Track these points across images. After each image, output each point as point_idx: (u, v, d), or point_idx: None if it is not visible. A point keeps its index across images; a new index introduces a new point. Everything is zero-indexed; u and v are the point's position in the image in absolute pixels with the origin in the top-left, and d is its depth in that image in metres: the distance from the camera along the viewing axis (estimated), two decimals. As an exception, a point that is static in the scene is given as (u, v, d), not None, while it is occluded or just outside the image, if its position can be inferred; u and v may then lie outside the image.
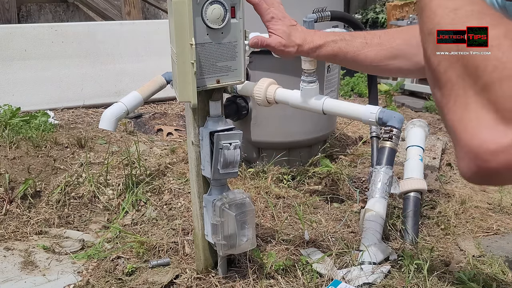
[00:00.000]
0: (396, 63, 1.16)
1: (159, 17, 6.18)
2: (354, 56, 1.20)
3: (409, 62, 1.15)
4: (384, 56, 1.17)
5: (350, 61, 1.22)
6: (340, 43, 1.21)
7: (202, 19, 1.28)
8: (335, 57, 1.23)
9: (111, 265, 1.66)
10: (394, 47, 1.16)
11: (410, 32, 1.17)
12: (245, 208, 1.44)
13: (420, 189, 2.01)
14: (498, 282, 1.58)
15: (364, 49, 1.19)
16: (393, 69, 1.19)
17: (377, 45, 1.18)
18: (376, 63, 1.18)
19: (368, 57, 1.18)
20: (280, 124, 2.41)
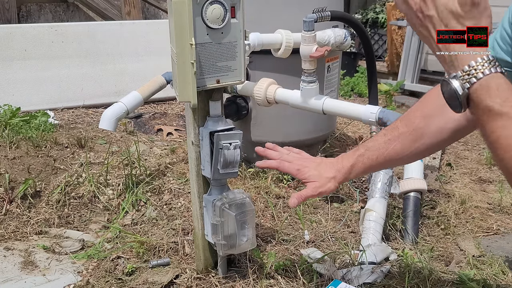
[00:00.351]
0: (425, 142, 1.13)
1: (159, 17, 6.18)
2: (385, 157, 1.17)
3: (433, 134, 1.12)
4: (410, 141, 1.14)
5: (384, 164, 1.20)
6: (367, 154, 1.19)
7: (202, 19, 1.28)
8: (369, 169, 1.21)
9: (111, 265, 1.66)
10: (415, 129, 1.13)
11: (424, 105, 1.15)
12: (245, 208, 1.44)
13: (420, 189, 2.01)
14: (498, 282, 1.58)
15: (390, 145, 1.16)
16: (425, 149, 1.15)
17: (399, 136, 1.15)
18: (406, 152, 1.15)
19: (397, 151, 1.15)
20: (280, 124, 2.41)
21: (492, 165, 2.73)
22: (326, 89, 2.40)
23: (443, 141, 1.14)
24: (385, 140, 1.17)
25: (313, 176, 1.23)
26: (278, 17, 2.24)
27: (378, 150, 1.17)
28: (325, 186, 1.21)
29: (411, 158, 1.18)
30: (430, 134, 1.11)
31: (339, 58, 2.51)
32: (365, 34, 2.31)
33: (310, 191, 1.22)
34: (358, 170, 1.21)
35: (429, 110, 1.13)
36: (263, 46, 1.98)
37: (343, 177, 1.22)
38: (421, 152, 1.15)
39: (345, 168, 1.21)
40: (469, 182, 2.48)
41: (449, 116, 1.08)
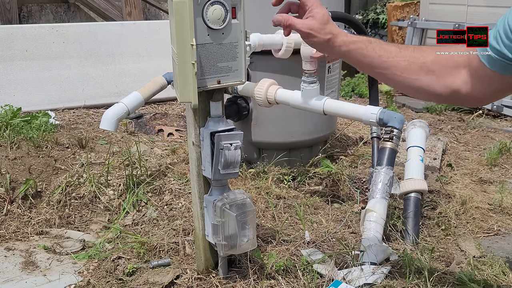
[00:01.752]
0: (426, 79, 1.13)
1: (160, 17, 6.18)
2: (386, 61, 1.15)
3: (439, 82, 1.13)
4: (415, 68, 1.13)
5: (381, 66, 1.16)
6: (374, 44, 1.16)
7: (203, 19, 1.29)
8: (365, 57, 1.16)
9: (111, 266, 1.67)
10: (426, 62, 1.13)
11: (440, 54, 1.15)
12: (245, 209, 1.44)
13: (421, 189, 2.01)
14: (499, 283, 1.58)
15: (398, 56, 1.14)
16: (423, 86, 1.14)
17: (410, 56, 1.14)
18: (405, 74, 1.14)
19: (400, 66, 1.14)
20: (281, 125, 2.42)
21: (493, 165, 2.73)
22: (327, 89, 2.40)
23: (438, 95, 1.15)
24: (396, 49, 1.16)
25: (321, 15, 1.19)
26: (278, 18, 2.24)
27: (385, 51, 1.15)
28: (319, 32, 1.17)
29: (403, 84, 1.16)
30: (433, 77, 1.12)
31: (339, 59, 2.51)
32: (365, 35, 2.31)
33: (300, 24, 1.19)
34: (356, 48, 1.17)
35: (442, 59, 1.13)
36: (263, 47, 1.98)
37: (339, 44, 1.17)
38: (419, 86, 1.14)
39: (348, 38, 1.18)
40: (469, 183, 2.48)
41: (454, 78, 1.11)
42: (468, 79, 1.09)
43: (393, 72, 1.15)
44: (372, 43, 1.17)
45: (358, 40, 1.18)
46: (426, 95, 1.17)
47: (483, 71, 1.04)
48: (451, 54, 1.14)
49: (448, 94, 1.13)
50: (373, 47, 1.16)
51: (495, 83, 1.05)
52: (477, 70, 1.06)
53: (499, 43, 0.98)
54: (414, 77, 1.14)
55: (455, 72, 1.11)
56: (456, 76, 1.11)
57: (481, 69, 1.05)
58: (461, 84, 1.10)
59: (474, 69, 1.07)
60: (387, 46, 1.17)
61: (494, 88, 1.07)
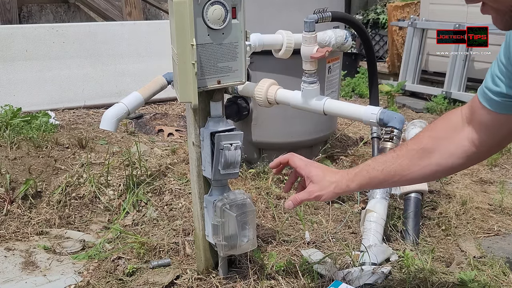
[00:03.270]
0: (432, 161, 1.11)
1: (160, 17, 6.18)
2: (390, 170, 1.15)
3: (442, 155, 1.11)
4: (417, 158, 1.13)
5: (389, 177, 1.16)
6: (373, 164, 1.18)
7: (203, 19, 1.28)
8: (373, 179, 1.17)
9: (111, 266, 1.66)
10: (423, 148, 1.12)
11: (434, 128, 1.15)
12: (246, 209, 1.44)
13: (421, 190, 2.01)
14: (499, 284, 1.58)
15: (397, 160, 1.15)
16: (432, 170, 1.12)
17: (408, 152, 1.14)
18: (412, 168, 1.13)
19: (404, 166, 1.14)
20: (281, 125, 2.41)
21: (493, 166, 2.73)
22: (327, 89, 2.40)
23: (450, 167, 1.12)
24: (393, 155, 1.17)
25: (317, 176, 1.21)
26: (279, 18, 2.24)
27: (385, 163, 1.16)
28: (323, 190, 1.20)
29: (417, 177, 1.15)
30: (438, 155, 1.11)
31: (340, 59, 2.51)
32: (366, 35, 2.31)
33: (306, 195, 1.22)
34: (362, 179, 1.18)
35: (438, 132, 1.12)
36: (264, 47, 1.98)
37: (346, 185, 1.19)
38: (428, 172, 1.13)
39: (349, 175, 1.20)
40: (470, 183, 2.48)
41: (457, 142, 1.09)
42: (473, 135, 1.07)
43: (402, 175, 1.15)
44: (371, 164, 1.19)
45: (358, 172, 1.19)
46: (444, 174, 1.17)
47: (490, 117, 1.02)
48: (445, 122, 1.13)
49: (461, 161, 1.10)
50: (373, 167, 1.17)
51: (505, 126, 1.02)
52: (482, 121, 1.04)
53: (499, 85, 0.97)
54: (422, 166, 1.13)
55: (456, 137, 1.09)
56: (459, 139, 1.09)
57: (486, 116, 1.02)
58: (469, 144, 1.07)
59: (479, 122, 1.05)
60: (384, 158, 1.19)
61: (505, 132, 1.04)
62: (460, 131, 1.09)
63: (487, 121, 1.03)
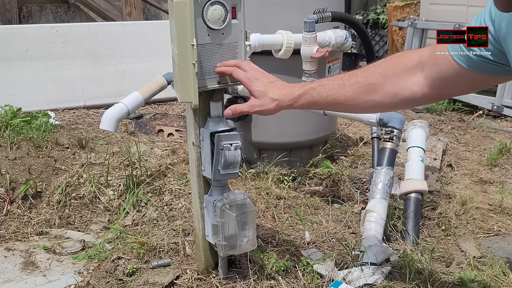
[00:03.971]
0: (375, 98, 1.14)
1: (160, 17, 6.18)
2: (334, 98, 1.18)
3: (386, 95, 1.13)
4: (362, 93, 1.15)
5: (332, 104, 1.21)
6: (318, 89, 1.20)
7: (203, 19, 1.28)
8: (315, 104, 1.22)
9: (111, 266, 1.66)
10: (370, 83, 1.14)
11: (387, 65, 1.16)
12: (245, 209, 1.44)
13: (421, 190, 2.01)
14: (499, 284, 1.57)
15: (342, 90, 1.17)
16: (374, 105, 1.16)
17: (354, 84, 1.16)
18: (355, 101, 1.16)
19: (348, 97, 1.17)
20: (281, 125, 2.41)
21: (493, 166, 2.73)
22: (327, 90, 2.39)
23: (393, 105, 1.17)
24: (340, 83, 1.18)
25: (258, 91, 1.25)
26: (279, 18, 2.24)
27: (330, 90, 1.18)
28: (264, 106, 1.24)
29: (359, 109, 1.20)
30: (383, 93, 1.13)
31: (340, 59, 2.51)
32: (366, 35, 2.31)
33: (246, 107, 1.27)
34: (305, 101, 1.21)
35: (389, 71, 1.14)
36: (264, 47, 1.98)
37: (288, 104, 1.23)
38: (369, 106, 1.17)
39: (293, 95, 1.23)
40: (470, 183, 2.48)
41: (405, 85, 1.11)
42: (425, 82, 1.08)
43: (344, 105, 1.18)
44: (317, 88, 1.21)
45: (303, 93, 1.22)
46: (382, 110, 1.21)
47: (454, 70, 1.02)
48: (399, 60, 1.14)
49: (401, 103, 1.13)
50: (319, 92, 1.20)
51: (466, 81, 1.03)
52: (443, 70, 1.04)
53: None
54: (364, 101, 1.15)
55: (406, 79, 1.10)
56: (409, 83, 1.10)
57: (452, 69, 1.02)
58: (417, 90, 1.09)
59: (439, 72, 1.05)
60: (331, 85, 1.20)
61: (461, 86, 1.06)
62: (413, 74, 1.10)
63: (450, 74, 1.03)
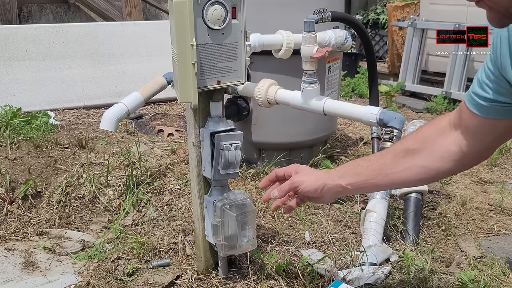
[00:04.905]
0: (419, 161, 1.09)
1: (160, 17, 6.18)
2: (376, 167, 1.14)
3: (426, 157, 1.08)
4: (402, 156, 1.11)
5: (376, 174, 1.14)
6: (360, 161, 1.18)
7: (203, 19, 1.28)
8: (361, 175, 1.16)
9: (111, 266, 1.66)
10: (408, 145, 1.11)
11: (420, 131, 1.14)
12: (245, 209, 1.44)
13: (421, 190, 2.00)
14: (499, 284, 1.57)
15: (383, 156, 1.15)
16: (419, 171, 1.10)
17: (391, 151, 1.14)
18: (397, 167, 1.11)
19: (387, 163, 1.12)
20: (281, 125, 2.41)
21: (493, 166, 2.73)
22: (327, 90, 2.40)
23: (440, 170, 1.10)
24: (379, 153, 1.18)
25: (305, 168, 1.23)
26: (279, 18, 2.24)
27: (369, 160, 1.17)
28: (308, 181, 1.18)
29: (401, 178, 1.13)
30: (424, 156, 1.09)
31: (340, 59, 2.51)
32: (366, 35, 2.31)
33: (288, 182, 1.21)
34: (347, 174, 1.16)
35: (423, 134, 1.12)
36: (264, 47, 1.98)
37: (331, 179, 1.17)
38: (413, 174, 1.11)
39: (336, 170, 1.20)
40: (470, 183, 2.48)
41: (444, 145, 1.08)
42: (460, 140, 1.06)
43: (385, 173, 1.13)
44: (356, 162, 1.19)
45: (344, 166, 1.20)
46: (429, 178, 1.13)
47: (476, 121, 1.01)
48: (432, 126, 1.12)
49: (449, 165, 1.08)
50: (359, 163, 1.18)
51: (493, 130, 1.01)
52: (468, 126, 1.03)
53: (486, 91, 0.97)
54: (405, 167, 1.10)
55: (443, 141, 1.08)
56: (446, 143, 1.07)
57: (473, 120, 1.01)
58: (456, 149, 1.06)
59: (465, 127, 1.04)
60: (370, 156, 1.20)
61: (491, 137, 1.03)
62: (447, 135, 1.08)
63: (474, 126, 1.02)
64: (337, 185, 1.16)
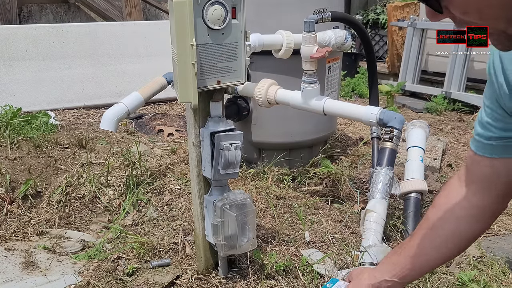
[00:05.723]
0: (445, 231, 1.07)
1: (160, 17, 6.18)
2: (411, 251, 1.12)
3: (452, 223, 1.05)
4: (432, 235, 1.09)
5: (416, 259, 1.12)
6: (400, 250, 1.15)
7: (203, 19, 1.29)
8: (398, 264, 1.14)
9: (111, 266, 1.67)
10: (432, 222, 1.09)
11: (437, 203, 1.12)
12: (245, 209, 1.44)
13: (421, 190, 2.00)
14: (499, 283, 1.58)
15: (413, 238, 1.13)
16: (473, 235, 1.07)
17: (420, 230, 1.12)
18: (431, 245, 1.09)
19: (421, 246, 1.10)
20: (281, 125, 2.41)
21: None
22: (327, 90, 2.40)
23: (463, 232, 1.06)
24: (409, 239, 1.14)
25: (356, 271, 1.27)
26: (279, 18, 2.24)
27: (401, 246, 1.15)
28: (354, 284, 1.21)
29: (438, 257, 1.11)
30: (447, 224, 1.07)
31: (339, 59, 2.51)
32: (365, 35, 2.31)
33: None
34: (385, 267, 1.15)
35: (440, 204, 1.10)
36: (263, 47, 1.98)
37: (373, 275, 1.16)
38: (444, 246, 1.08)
39: (381, 263, 1.19)
40: (469, 183, 2.48)
41: (459, 204, 1.05)
42: (470, 193, 1.02)
43: (423, 258, 1.10)
44: (392, 257, 1.17)
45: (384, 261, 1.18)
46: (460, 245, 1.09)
47: (486, 166, 0.98)
48: (445, 191, 1.09)
49: (469, 225, 1.05)
50: (395, 251, 1.17)
51: (504, 171, 0.97)
52: (480, 173, 1.00)
53: (491, 130, 0.94)
54: (437, 243, 1.08)
55: (457, 201, 1.05)
56: (461, 202, 1.04)
57: (484, 167, 0.98)
58: (469, 205, 1.03)
59: (476, 176, 1.01)
60: (404, 243, 1.16)
61: (504, 179, 0.98)
62: (459, 193, 1.05)
63: (485, 170, 0.99)
64: (382, 280, 1.14)
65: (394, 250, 1.18)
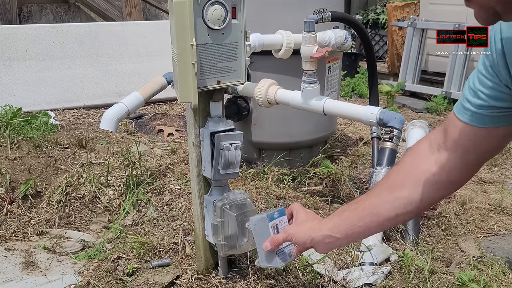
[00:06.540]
0: (406, 193, 1.03)
1: (160, 17, 6.18)
2: (365, 206, 1.08)
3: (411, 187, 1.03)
4: (387, 192, 1.06)
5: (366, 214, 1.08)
6: (350, 205, 1.13)
7: (203, 19, 1.29)
8: (346, 219, 1.10)
9: (111, 266, 1.67)
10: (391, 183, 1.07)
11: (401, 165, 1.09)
12: (245, 209, 1.44)
13: (421, 190, 2.00)
14: (499, 283, 1.58)
15: (369, 194, 1.10)
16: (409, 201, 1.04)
17: (376, 188, 1.10)
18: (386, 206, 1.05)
19: (374, 203, 1.07)
20: (281, 125, 2.41)
21: (493, 166, 2.73)
22: (327, 89, 2.40)
23: (424, 199, 1.04)
24: (366, 194, 1.12)
25: (300, 216, 1.19)
26: (279, 18, 2.24)
27: (357, 202, 1.11)
28: (297, 230, 1.15)
29: (389, 215, 1.06)
30: (408, 187, 1.04)
31: (339, 59, 2.51)
32: (365, 35, 2.31)
33: (282, 234, 1.18)
34: (333, 220, 1.12)
35: (405, 165, 1.08)
36: (264, 47, 1.98)
37: (318, 228, 1.12)
38: (402, 208, 1.05)
39: (328, 218, 1.15)
40: (469, 183, 2.48)
41: (424, 169, 1.03)
42: (442, 158, 1.00)
43: (373, 213, 1.07)
44: (345, 205, 1.14)
45: (333, 214, 1.14)
46: (416, 209, 1.06)
47: (469, 134, 0.96)
48: (411, 153, 1.07)
49: (431, 193, 1.02)
50: (346, 207, 1.12)
51: (485, 141, 0.96)
52: (459, 140, 0.97)
53: (482, 98, 0.92)
54: (391, 202, 1.05)
55: (423, 165, 1.02)
56: (427, 167, 1.02)
57: (465, 135, 0.96)
58: (438, 169, 1.00)
59: (454, 142, 0.98)
60: (358, 197, 1.14)
61: (484, 149, 0.97)
62: (427, 158, 1.03)
63: (466, 138, 0.97)
64: (325, 235, 1.10)
65: (347, 206, 1.12)
